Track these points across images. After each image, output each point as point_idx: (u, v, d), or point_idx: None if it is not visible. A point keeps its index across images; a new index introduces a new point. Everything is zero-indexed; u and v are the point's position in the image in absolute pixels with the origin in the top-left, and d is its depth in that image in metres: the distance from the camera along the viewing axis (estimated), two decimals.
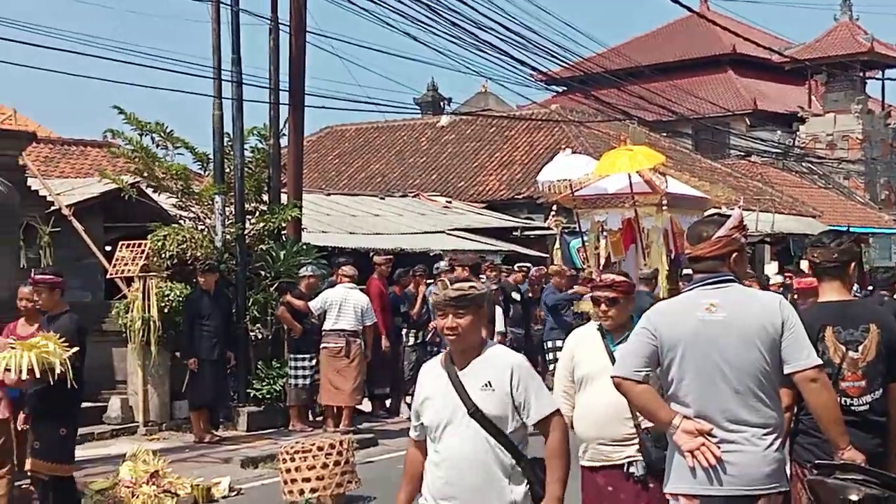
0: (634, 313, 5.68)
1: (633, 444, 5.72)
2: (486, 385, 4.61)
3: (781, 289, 18.12)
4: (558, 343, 14.31)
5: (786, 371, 4.58)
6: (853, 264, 5.40)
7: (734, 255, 4.76)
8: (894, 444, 5.22)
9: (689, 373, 4.59)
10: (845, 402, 5.08)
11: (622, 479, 5.76)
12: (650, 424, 5.30)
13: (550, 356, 15.23)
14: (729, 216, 4.93)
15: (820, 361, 4.67)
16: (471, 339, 4.69)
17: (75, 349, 8.17)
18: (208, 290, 13.15)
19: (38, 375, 7.87)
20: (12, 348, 8.06)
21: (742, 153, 41.45)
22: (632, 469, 5.72)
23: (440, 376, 4.75)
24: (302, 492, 9.76)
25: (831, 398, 4.71)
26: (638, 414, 5.39)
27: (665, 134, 35.89)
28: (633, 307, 6.03)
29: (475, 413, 4.58)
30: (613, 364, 5.15)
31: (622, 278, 5.89)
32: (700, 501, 4.54)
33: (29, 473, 8.58)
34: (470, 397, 4.60)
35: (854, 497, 4.46)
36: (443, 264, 15.27)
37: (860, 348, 5.19)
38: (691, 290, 4.73)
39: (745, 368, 4.56)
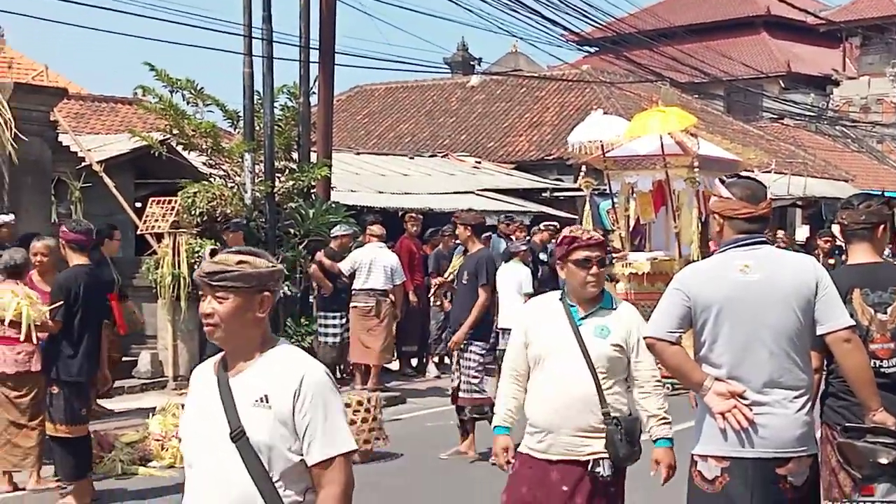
0: None
1: (600, 438, 4.97)
2: (261, 400, 3.31)
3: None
4: None
5: (819, 332, 4.55)
6: (883, 227, 5.34)
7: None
8: None
9: (722, 334, 4.54)
10: (875, 364, 5.02)
11: (582, 479, 4.99)
12: (619, 414, 4.96)
13: None
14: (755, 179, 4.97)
15: (853, 322, 4.64)
16: (238, 334, 3.40)
17: (52, 306, 8.27)
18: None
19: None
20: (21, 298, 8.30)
21: (775, 116, 41.07)
22: (598, 469, 4.98)
23: (209, 383, 3.45)
24: None
25: (864, 359, 4.67)
26: (608, 402, 4.93)
27: (697, 96, 35.62)
28: None
29: (237, 435, 3.29)
30: (580, 341, 4.92)
31: (603, 237, 5.29)
32: (730, 464, 4.51)
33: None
34: (237, 414, 3.32)
35: (884, 460, 4.45)
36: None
37: (889, 310, 5.15)
38: (724, 251, 4.68)
39: (779, 329, 4.53)
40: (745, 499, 4.47)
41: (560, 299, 5.12)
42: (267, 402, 3.32)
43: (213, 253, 3.48)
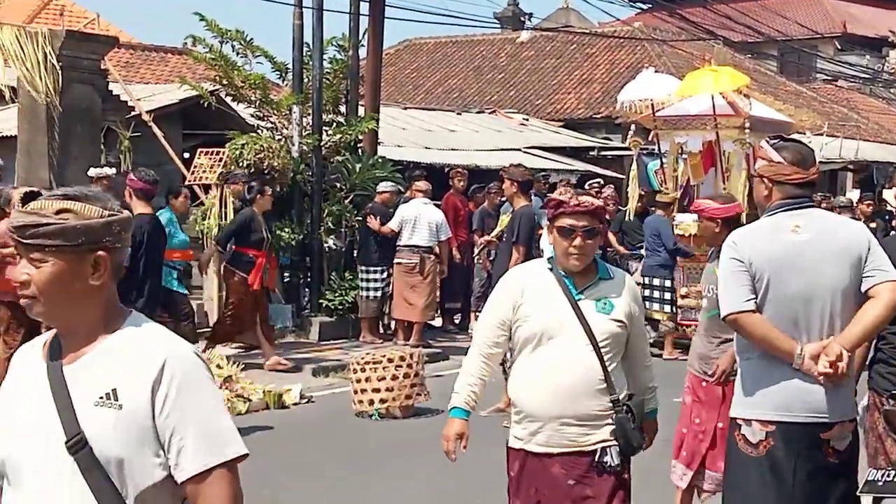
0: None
1: (607, 425, 4.51)
2: (108, 396, 2.43)
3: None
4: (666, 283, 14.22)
5: (867, 285, 4.49)
6: None
7: None
8: None
9: (776, 295, 4.52)
10: None
11: (590, 470, 4.54)
12: (626, 399, 4.52)
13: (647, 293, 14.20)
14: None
15: None
16: (67, 309, 2.52)
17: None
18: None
19: None
20: None
21: (828, 77, 40.56)
22: (605, 458, 4.53)
23: (35, 372, 2.55)
24: (371, 402, 9.90)
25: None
26: (615, 385, 4.49)
27: (750, 55, 35.23)
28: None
29: (76, 445, 2.41)
30: (581, 318, 4.42)
31: (599, 202, 4.65)
32: (776, 428, 4.49)
33: None
34: (75, 416, 2.43)
35: None
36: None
37: None
38: (772, 215, 4.65)
39: (831, 287, 4.51)
40: (788, 463, 4.46)
41: (550, 269, 4.53)
42: (115, 398, 2.43)
43: (29, 198, 2.49)
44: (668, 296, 14.05)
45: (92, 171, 11.93)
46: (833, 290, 4.51)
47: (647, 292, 13.91)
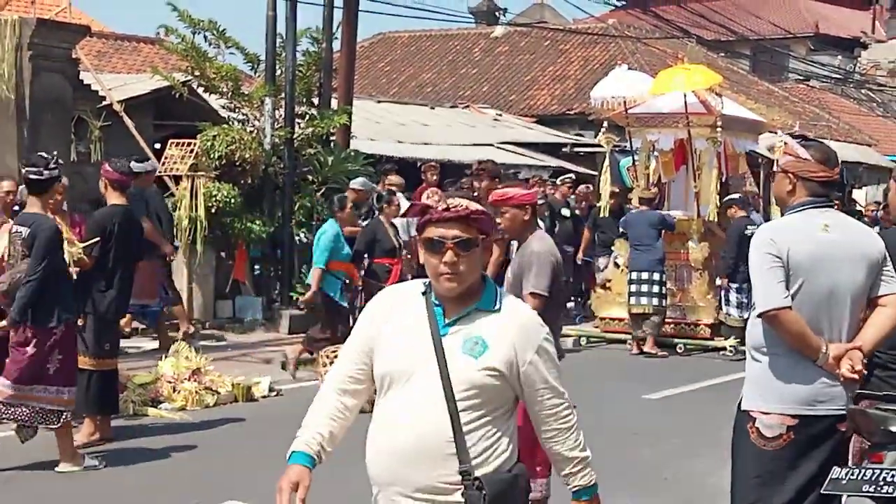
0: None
1: (454, 499, 3.34)
2: None
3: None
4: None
5: (882, 291, 4.67)
6: None
7: None
8: None
9: (803, 290, 4.62)
10: None
11: None
12: (484, 469, 3.31)
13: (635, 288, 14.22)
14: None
15: None
16: None
17: (87, 243, 8.37)
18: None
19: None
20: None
21: (800, 77, 40.77)
22: None
23: None
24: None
25: None
26: (469, 451, 3.30)
27: (723, 54, 35.34)
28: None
29: None
30: (440, 357, 3.30)
31: (477, 206, 3.42)
32: (798, 422, 4.57)
33: None
34: None
35: (894, 428, 4.45)
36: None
37: None
38: (798, 211, 4.74)
39: (852, 288, 4.65)
40: (809, 457, 4.56)
41: (424, 293, 3.44)
42: None
43: None
44: (656, 289, 14.06)
45: (136, 167, 11.89)
46: (850, 292, 4.64)
47: (633, 287, 14.02)
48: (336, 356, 10.07)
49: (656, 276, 14.00)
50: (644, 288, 14.01)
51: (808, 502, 4.55)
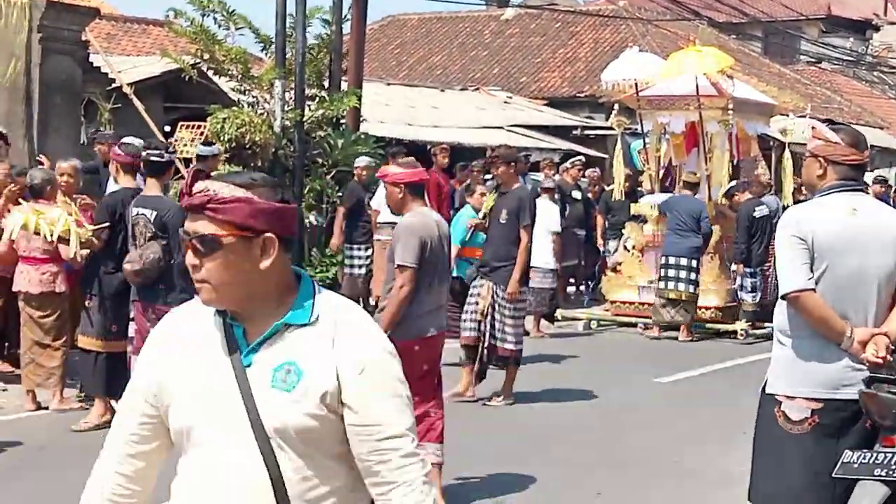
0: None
1: None
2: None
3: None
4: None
5: None
6: None
7: None
8: None
9: (830, 272, 4.62)
10: None
11: None
12: None
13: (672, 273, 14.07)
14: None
15: None
16: None
17: (98, 226, 8.39)
18: None
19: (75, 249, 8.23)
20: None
21: (812, 59, 40.60)
22: None
23: None
24: None
25: None
26: None
27: (734, 36, 35.19)
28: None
29: None
30: (246, 397, 2.40)
31: (238, 195, 2.38)
32: (824, 405, 4.59)
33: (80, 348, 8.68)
34: None
35: None
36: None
37: None
38: (828, 194, 4.73)
39: (880, 272, 4.66)
40: (834, 438, 4.57)
41: (218, 312, 2.48)
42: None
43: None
44: (693, 276, 13.83)
45: (202, 150, 11.95)
46: (878, 276, 4.65)
47: (670, 272, 13.81)
48: None
49: (693, 264, 13.80)
50: (682, 274, 13.77)
51: (831, 488, 4.54)
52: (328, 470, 2.44)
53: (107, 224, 8.35)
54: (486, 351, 9.46)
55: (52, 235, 8.40)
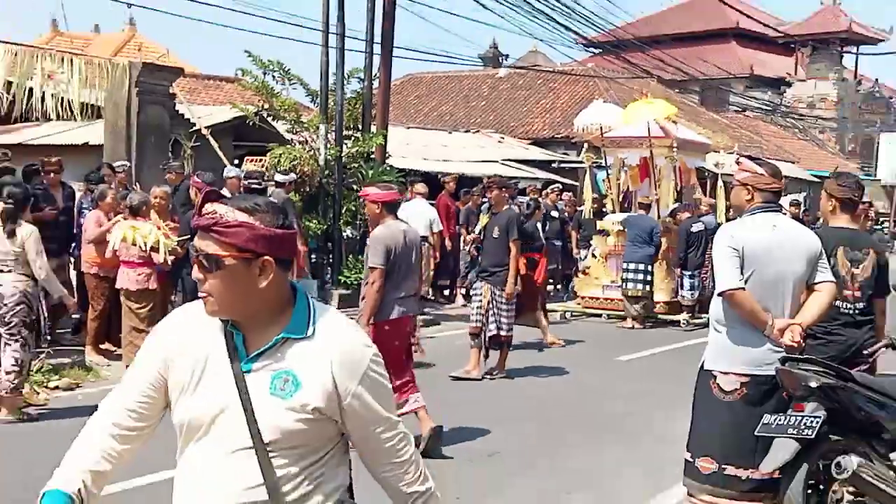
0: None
1: None
2: None
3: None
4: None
5: (817, 279, 4.70)
6: (861, 206, 5.53)
7: None
8: (879, 335, 5.26)
9: (756, 275, 4.61)
10: (846, 305, 5.16)
11: None
12: None
13: (631, 276, 14.05)
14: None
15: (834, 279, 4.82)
16: None
17: (181, 238, 8.48)
18: None
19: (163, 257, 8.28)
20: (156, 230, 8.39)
21: (739, 109, 40.63)
22: None
23: None
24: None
25: (831, 303, 4.81)
26: None
27: (677, 90, 35.19)
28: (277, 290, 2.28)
29: None
30: (245, 401, 2.13)
31: (241, 219, 2.13)
32: (749, 379, 4.61)
33: None
34: None
35: (813, 384, 4.44)
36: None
37: (861, 267, 5.22)
38: (755, 214, 4.73)
39: (795, 275, 4.66)
40: (759, 403, 4.58)
41: (225, 319, 2.21)
42: None
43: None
44: (648, 277, 13.76)
45: (279, 178, 11.88)
46: (793, 278, 4.65)
47: (630, 275, 13.72)
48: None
49: (648, 268, 13.76)
50: (639, 276, 13.74)
51: (752, 442, 4.54)
52: (317, 467, 2.20)
53: (187, 237, 8.38)
54: (488, 337, 9.47)
55: (145, 246, 8.43)
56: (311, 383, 2.15)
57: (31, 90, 12.01)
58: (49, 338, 8.47)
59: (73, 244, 10.18)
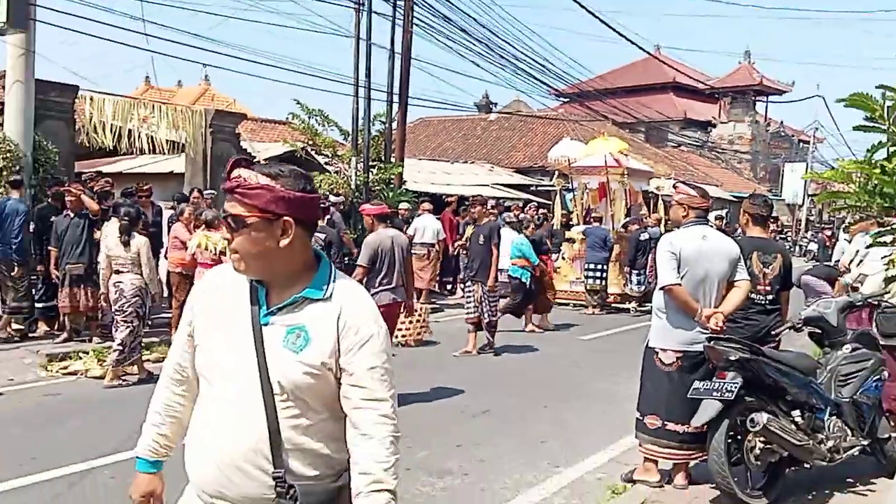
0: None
1: None
2: None
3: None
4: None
5: (737, 277, 4.70)
6: (771, 219, 5.55)
7: None
8: (783, 319, 5.24)
9: (690, 274, 4.62)
10: (759, 297, 5.14)
11: None
12: (303, 478, 1.83)
13: (590, 273, 14.01)
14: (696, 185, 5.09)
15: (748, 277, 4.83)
16: None
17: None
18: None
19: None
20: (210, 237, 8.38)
21: (675, 145, 40.59)
22: None
23: None
24: (396, 335, 9.86)
25: (745, 296, 4.78)
26: (285, 457, 1.81)
27: (628, 130, 35.16)
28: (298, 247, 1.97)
29: None
30: (259, 351, 1.84)
31: (263, 182, 1.86)
32: (683, 354, 4.62)
33: None
34: None
35: (733, 357, 4.44)
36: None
37: (770, 267, 5.20)
38: (689, 227, 4.74)
39: (718, 275, 4.65)
40: (690, 373, 4.59)
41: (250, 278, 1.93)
42: None
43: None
44: (603, 275, 13.79)
45: (333, 199, 11.83)
46: (718, 276, 4.65)
47: (590, 273, 13.75)
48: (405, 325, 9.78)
49: (604, 268, 13.79)
50: (597, 274, 13.77)
51: (687, 403, 4.54)
52: (318, 424, 1.85)
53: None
54: (483, 323, 9.39)
55: (215, 251, 8.44)
56: (319, 339, 1.84)
57: (129, 131, 12.04)
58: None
59: (162, 250, 10.19)
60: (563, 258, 15.06)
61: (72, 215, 8.71)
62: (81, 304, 8.67)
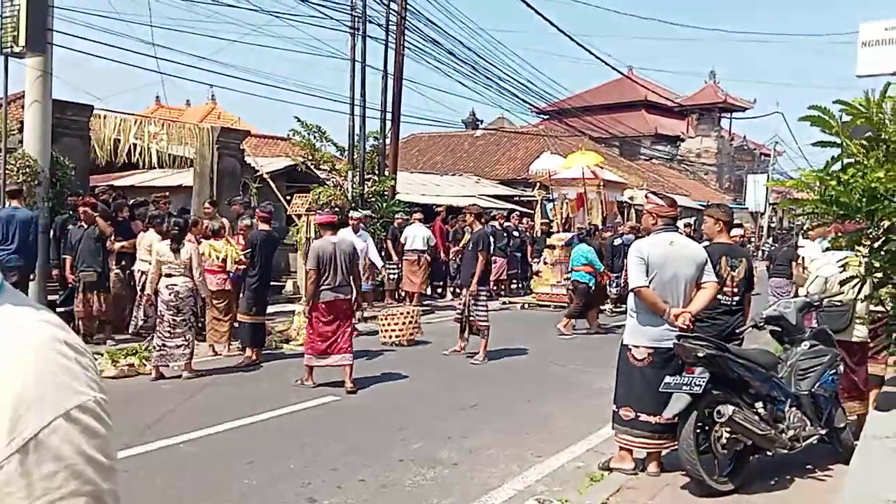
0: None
1: None
2: None
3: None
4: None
5: (703, 279, 4.70)
6: (732, 226, 5.54)
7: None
8: (746, 319, 5.27)
9: (659, 277, 4.63)
10: (725, 298, 5.15)
11: None
12: None
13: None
14: (666, 196, 5.12)
15: (716, 279, 4.84)
16: None
17: (244, 251, 8.42)
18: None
19: (230, 266, 8.29)
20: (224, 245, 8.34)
21: (647, 158, 40.76)
22: None
23: None
24: (390, 336, 9.86)
25: (713, 296, 4.80)
26: None
27: (603, 145, 35.30)
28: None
29: None
30: None
31: None
32: (654, 350, 4.62)
33: (238, 321, 8.66)
34: None
35: (700, 354, 4.45)
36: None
37: (737, 270, 5.23)
38: (658, 233, 4.74)
39: (685, 278, 4.66)
40: (661, 368, 4.59)
41: None
42: None
43: None
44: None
45: (354, 215, 11.48)
46: (685, 279, 4.66)
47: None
48: (386, 313, 9.91)
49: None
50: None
51: (658, 396, 4.55)
52: None
53: (249, 249, 8.36)
54: (468, 324, 9.24)
55: (219, 259, 8.41)
56: None
57: (140, 147, 11.99)
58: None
59: None
60: (545, 263, 15.09)
61: (85, 226, 8.72)
62: (94, 309, 8.64)
